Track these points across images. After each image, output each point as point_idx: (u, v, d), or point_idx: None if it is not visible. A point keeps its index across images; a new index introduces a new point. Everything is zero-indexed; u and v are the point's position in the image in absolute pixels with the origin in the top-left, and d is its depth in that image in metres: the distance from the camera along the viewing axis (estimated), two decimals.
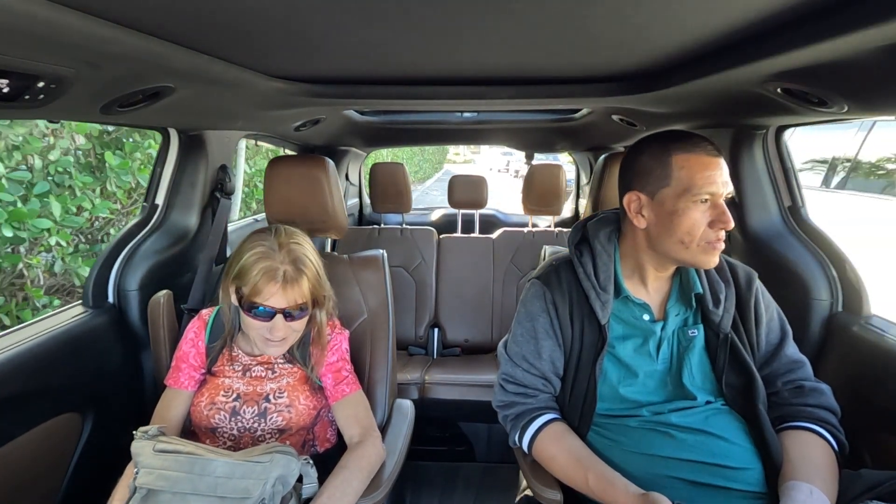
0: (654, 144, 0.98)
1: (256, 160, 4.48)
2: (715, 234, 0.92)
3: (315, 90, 1.28)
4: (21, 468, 1.04)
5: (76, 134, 2.52)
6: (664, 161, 0.95)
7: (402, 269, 2.50)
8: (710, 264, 0.94)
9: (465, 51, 0.94)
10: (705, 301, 1.00)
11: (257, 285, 1.02)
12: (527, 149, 3.09)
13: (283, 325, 1.04)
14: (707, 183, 0.91)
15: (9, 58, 0.65)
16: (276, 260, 1.03)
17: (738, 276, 1.04)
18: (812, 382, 0.99)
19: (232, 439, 1.09)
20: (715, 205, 0.92)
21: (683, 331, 1.01)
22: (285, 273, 1.03)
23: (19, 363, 1.04)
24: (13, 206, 2.15)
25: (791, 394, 0.98)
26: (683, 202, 0.92)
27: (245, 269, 1.03)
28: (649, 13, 0.71)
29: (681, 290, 1.03)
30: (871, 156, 3.70)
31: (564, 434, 1.00)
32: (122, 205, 2.94)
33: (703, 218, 0.92)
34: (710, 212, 0.92)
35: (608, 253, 1.04)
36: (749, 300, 1.02)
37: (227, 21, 0.72)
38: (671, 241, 0.95)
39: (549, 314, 1.06)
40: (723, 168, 0.93)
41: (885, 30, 0.60)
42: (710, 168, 0.91)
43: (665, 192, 0.94)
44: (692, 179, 0.91)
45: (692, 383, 0.98)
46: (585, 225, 1.10)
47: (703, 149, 0.93)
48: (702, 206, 0.92)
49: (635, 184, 0.99)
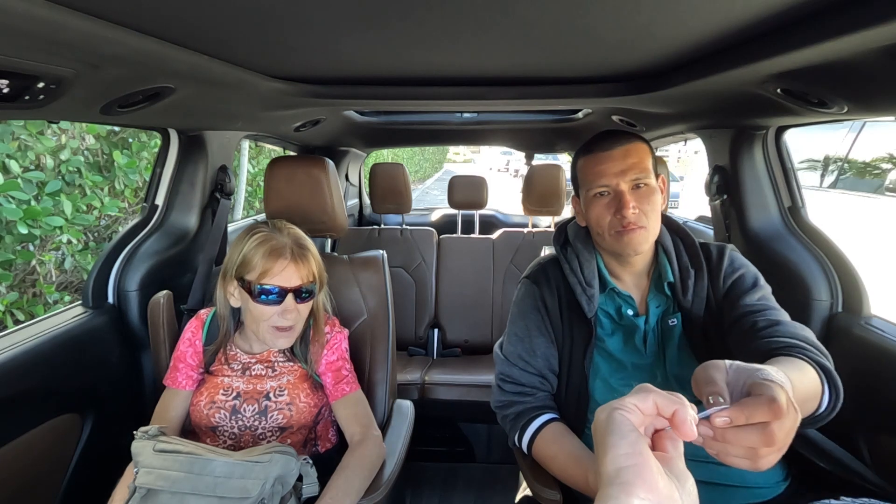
0: (576, 154, 1.07)
1: (260, 160, 4.50)
2: (619, 221, 0.96)
3: (315, 91, 1.28)
4: (21, 468, 1.04)
5: (87, 134, 2.56)
6: (575, 166, 1.06)
7: (402, 270, 2.50)
8: (629, 250, 0.98)
9: (466, 51, 0.94)
10: (675, 289, 1.01)
11: (265, 265, 1.03)
12: (527, 149, 3.08)
13: (293, 306, 1.06)
14: (597, 177, 0.98)
15: (9, 58, 0.65)
16: (280, 240, 1.06)
17: (711, 256, 1.04)
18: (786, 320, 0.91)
19: (233, 438, 1.09)
20: (615, 195, 0.97)
21: (664, 321, 1.02)
22: (292, 250, 1.06)
23: (19, 363, 1.04)
24: (27, 205, 2.21)
25: (766, 324, 0.89)
26: (586, 198, 1.02)
27: (249, 256, 1.05)
28: (650, 14, 0.71)
29: (657, 281, 1.05)
30: (863, 156, 3.71)
31: (563, 434, 1.00)
32: (130, 203, 2.97)
33: (605, 210, 0.98)
34: (612, 202, 0.97)
35: (588, 250, 1.07)
36: (720, 272, 1.01)
37: (227, 21, 0.72)
38: (594, 235, 1.04)
39: (539, 312, 1.08)
40: (617, 158, 0.97)
41: (885, 30, 0.60)
42: (601, 163, 0.98)
43: (580, 192, 1.05)
44: (586, 177, 1.01)
45: (676, 374, 0.98)
46: (566, 227, 1.15)
47: (599, 146, 0.99)
48: (603, 198, 0.99)
49: (574, 189, 1.10)
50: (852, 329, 1.20)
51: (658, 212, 0.99)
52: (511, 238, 2.52)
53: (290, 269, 1.05)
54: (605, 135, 1.02)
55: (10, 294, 2.30)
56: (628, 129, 1.01)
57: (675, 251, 1.04)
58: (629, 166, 0.96)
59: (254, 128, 1.74)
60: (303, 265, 1.07)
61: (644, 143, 1.00)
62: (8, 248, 2.24)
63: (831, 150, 3.93)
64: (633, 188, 0.97)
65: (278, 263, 1.04)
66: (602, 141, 1.01)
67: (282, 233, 1.09)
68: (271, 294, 1.04)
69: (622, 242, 0.97)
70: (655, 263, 1.05)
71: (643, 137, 1.02)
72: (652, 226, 0.98)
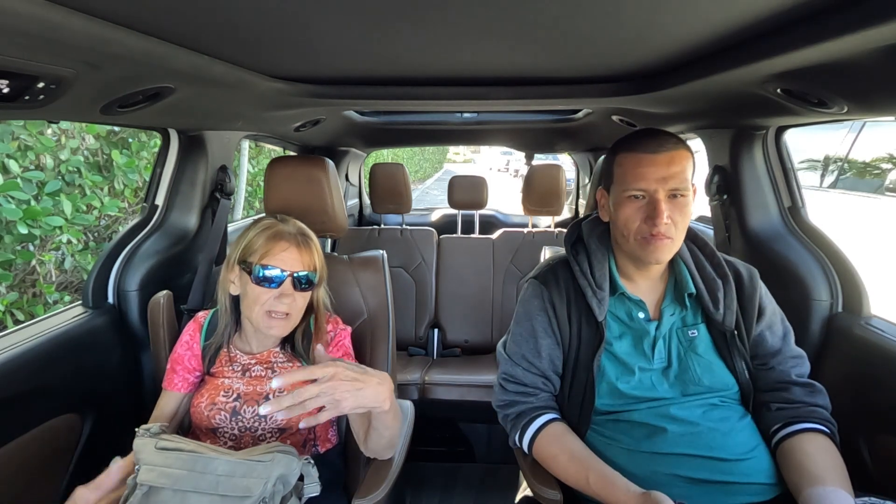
0: (614, 144, 1.03)
1: (260, 160, 4.50)
2: (649, 229, 0.94)
3: (315, 91, 1.28)
4: (21, 468, 1.04)
5: (86, 134, 2.56)
6: (611, 160, 1.02)
7: (402, 270, 2.50)
8: (651, 259, 0.97)
9: (466, 51, 0.94)
10: (704, 301, 1.00)
11: (267, 247, 1.06)
12: (527, 149, 3.09)
13: (290, 290, 1.06)
14: (637, 179, 0.94)
15: (9, 58, 0.65)
16: (286, 227, 1.10)
17: (741, 273, 1.05)
18: (815, 381, 1.01)
19: (233, 439, 1.09)
20: (650, 200, 0.94)
21: (683, 331, 1.01)
22: (296, 236, 1.09)
23: (19, 364, 1.04)
24: (27, 205, 2.22)
25: (804, 392, 0.98)
26: (619, 197, 0.98)
27: (252, 240, 1.08)
28: (650, 14, 0.71)
29: (675, 290, 1.04)
30: (863, 156, 3.71)
31: (564, 434, 1.00)
32: (130, 203, 2.97)
33: (636, 214, 0.95)
34: (646, 207, 0.95)
35: (602, 251, 1.06)
36: (753, 296, 1.02)
37: (227, 21, 0.72)
38: (617, 234, 1.01)
39: (547, 313, 1.07)
40: (661, 164, 0.93)
41: (885, 30, 0.60)
42: (644, 165, 0.94)
43: (612, 188, 1.01)
44: (624, 176, 0.97)
45: (697, 382, 0.98)
46: (581, 224, 1.13)
47: (644, 147, 0.95)
48: (637, 202, 0.96)
49: (602, 181, 1.07)
50: (852, 329, 1.20)
51: (687, 224, 0.98)
52: (511, 238, 2.52)
53: (293, 252, 1.07)
54: (650, 133, 0.98)
55: (10, 294, 2.30)
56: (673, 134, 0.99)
57: (695, 261, 1.04)
58: (672, 174, 0.93)
59: (254, 128, 1.74)
60: (305, 252, 1.09)
61: (688, 152, 0.96)
62: (8, 248, 2.24)
63: (831, 150, 3.93)
64: (669, 197, 0.94)
65: (280, 245, 1.06)
66: (648, 140, 0.96)
67: (287, 223, 1.12)
68: (270, 275, 1.05)
69: (646, 250, 0.95)
70: (671, 270, 1.05)
71: (687, 144, 0.98)
72: (679, 237, 0.96)
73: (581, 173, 3.19)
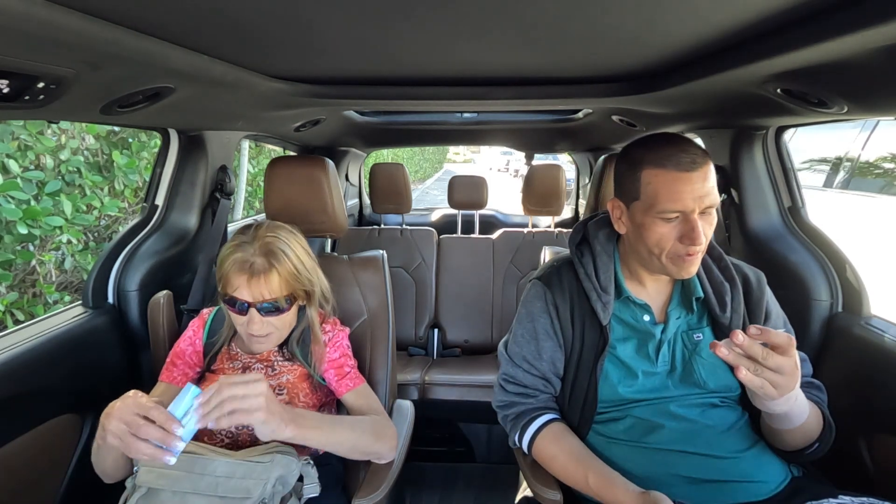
0: (631, 153, 0.96)
1: (260, 160, 4.51)
2: (685, 249, 0.90)
3: (315, 91, 1.28)
4: (21, 469, 1.04)
5: (86, 134, 2.56)
6: (635, 175, 0.93)
7: (402, 270, 2.50)
8: (683, 275, 0.94)
9: (466, 51, 0.94)
10: (711, 304, 0.99)
11: (228, 276, 1.02)
12: (527, 149, 3.09)
13: (259, 319, 1.02)
14: (673, 201, 0.88)
15: (9, 58, 0.65)
16: (247, 252, 1.01)
17: (749, 277, 1.04)
18: (814, 379, 1.01)
19: (230, 436, 1.09)
20: (686, 219, 0.89)
21: (688, 334, 1.00)
22: (252, 265, 1.00)
23: (19, 364, 1.04)
24: (27, 205, 2.22)
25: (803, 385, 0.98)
26: (650, 218, 0.91)
27: (221, 261, 1.04)
28: (649, 14, 0.71)
29: (682, 293, 1.03)
30: (871, 156, 3.70)
31: (564, 434, 1.00)
32: (130, 203, 2.97)
33: (671, 233, 0.91)
34: (681, 226, 0.90)
35: (608, 253, 1.04)
36: (761, 300, 1.02)
37: (227, 21, 0.72)
38: (643, 251, 0.95)
39: (549, 315, 1.06)
40: (697, 182, 0.88)
41: (885, 30, 0.60)
42: (679, 184, 0.88)
43: (636, 204, 0.94)
44: (657, 197, 0.89)
45: (702, 385, 0.97)
46: (586, 225, 1.11)
47: (674, 163, 0.88)
48: (671, 222, 0.90)
49: (616, 191, 1.00)
50: (852, 329, 1.20)
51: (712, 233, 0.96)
52: (511, 238, 2.52)
53: (253, 283, 1.01)
54: (674, 143, 0.91)
55: (10, 294, 2.31)
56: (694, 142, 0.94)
57: (703, 264, 1.02)
58: (707, 192, 0.88)
59: (254, 128, 1.74)
60: (262, 282, 1.00)
61: (711, 162, 0.92)
62: (8, 248, 2.24)
63: (840, 150, 3.91)
64: (701, 213, 0.90)
65: (237, 278, 1.00)
66: (678, 155, 0.89)
67: (254, 242, 1.02)
68: (236, 304, 1.02)
69: (681, 268, 0.92)
70: None
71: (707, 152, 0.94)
72: (706, 248, 0.95)
73: (581, 173, 3.19)
